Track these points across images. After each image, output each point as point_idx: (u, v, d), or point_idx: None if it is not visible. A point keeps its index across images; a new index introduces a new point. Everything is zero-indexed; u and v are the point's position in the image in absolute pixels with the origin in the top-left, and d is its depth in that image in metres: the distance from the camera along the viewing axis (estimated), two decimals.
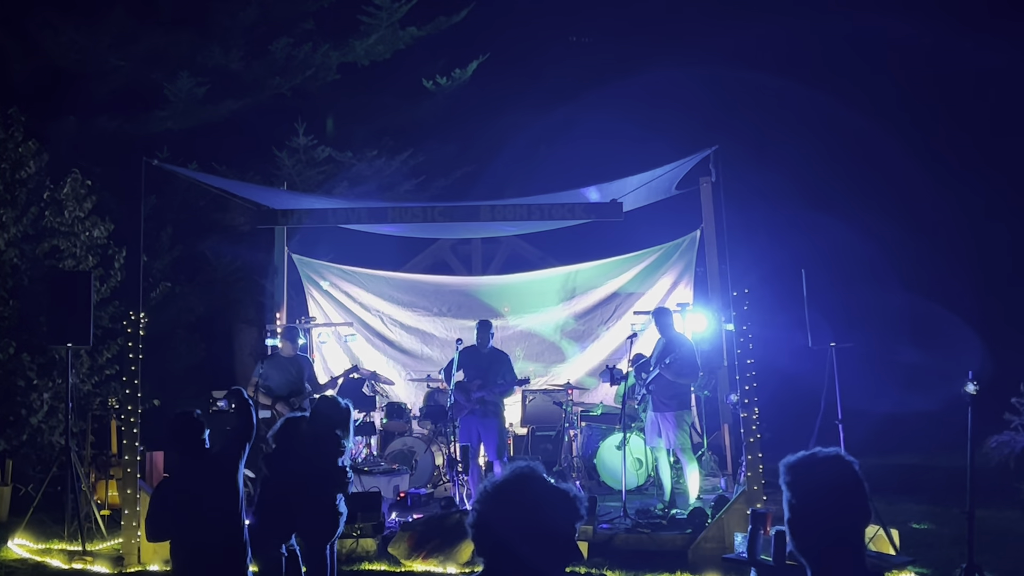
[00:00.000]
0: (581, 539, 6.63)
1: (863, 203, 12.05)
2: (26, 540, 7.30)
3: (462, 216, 8.49)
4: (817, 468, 2.26)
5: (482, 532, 2.18)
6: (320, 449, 4.98)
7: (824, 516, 2.22)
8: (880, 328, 9.12)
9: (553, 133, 12.64)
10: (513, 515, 2.14)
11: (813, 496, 2.24)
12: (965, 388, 5.36)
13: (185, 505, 4.30)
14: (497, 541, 2.16)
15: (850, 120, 12.12)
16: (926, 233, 12.00)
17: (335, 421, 5.08)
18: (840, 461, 2.28)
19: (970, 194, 11.93)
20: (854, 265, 10.92)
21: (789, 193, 11.78)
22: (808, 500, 2.24)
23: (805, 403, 7.49)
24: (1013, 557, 6.43)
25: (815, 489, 2.24)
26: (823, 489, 2.23)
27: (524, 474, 2.20)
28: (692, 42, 13.87)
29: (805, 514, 2.24)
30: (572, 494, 2.20)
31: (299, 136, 12.03)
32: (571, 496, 2.19)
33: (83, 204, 9.62)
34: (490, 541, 2.17)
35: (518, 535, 2.12)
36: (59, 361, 9.05)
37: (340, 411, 5.12)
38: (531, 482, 2.19)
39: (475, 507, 2.21)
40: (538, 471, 2.24)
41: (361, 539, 6.78)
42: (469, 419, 8.34)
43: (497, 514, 2.16)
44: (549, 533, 2.14)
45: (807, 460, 2.29)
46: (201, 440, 4.46)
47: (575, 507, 2.18)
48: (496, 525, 2.15)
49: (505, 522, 2.14)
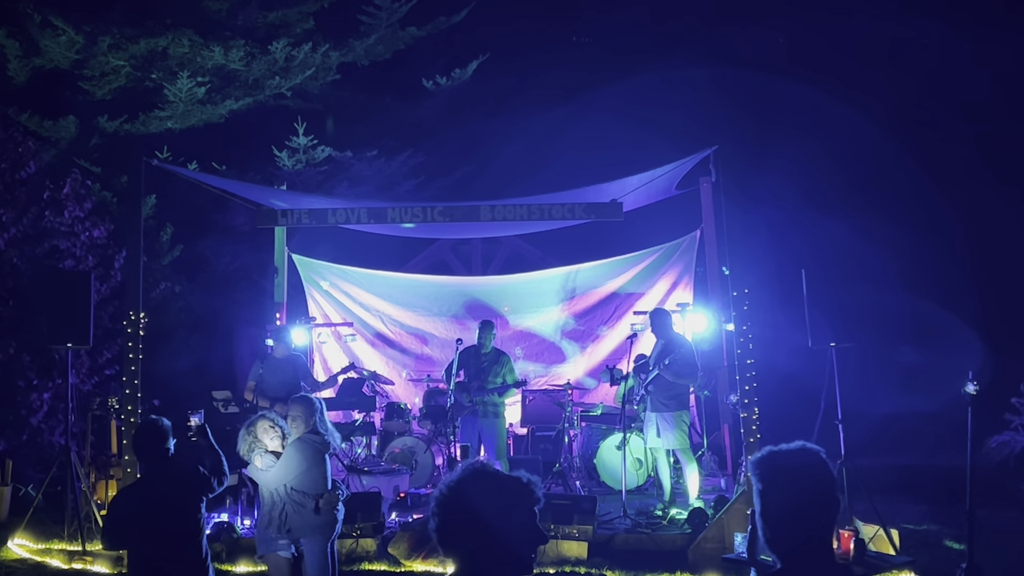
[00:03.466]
0: (581, 539, 6.64)
1: (863, 203, 12.04)
2: (26, 540, 7.29)
3: (462, 216, 8.49)
4: (783, 456, 2.34)
5: (446, 535, 2.24)
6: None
7: (793, 503, 2.27)
8: (880, 328, 9.12)
9: (553, 133, 12.63)
10: (472, 512, 2.20)
11: (781, 481, 2.29)
12: (965, 388, 5.36)
13: (146, 513, 4.13)
14: (463, 540, 2.22)
15: (850, 120, 12.11)
16: (926, 233, 11.99)
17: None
18: (805, 449, 2.36)
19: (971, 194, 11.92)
20: (854, 265, 10.91)
21: (789, 193, 11.77)
22: (776, 486, 2.30)
23: (805, 403, 7.48)
24: (1013, 557, 6.43)
25: (783, 474, 2.30)
26: (791, 474, 2.30)
27: (475, 470, 2.28)
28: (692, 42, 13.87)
29: (775, 502, 2.30)
30: (524, 479, 2.27)
31: (299, 136, 12.03)
32: (524, 482, 2.26)
33: (83, 204, 9.62)
34: (456, 540, 2.23)
35: (480, 529, 2.18)
36: (59, 361, 9.04)
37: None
38: (482, 477, 2.26)
39: (434, 512, 2.26)
40: (487, 467, 2.33)
41: (361, 539, 6.78)
42: (469, 419, 8.35)
43: (457, 515, 2.22)
44: (510, 521, 2.21)
45: (773, 451, 2.37)
46: (165, 448, 4.28)
47: (530, 491, 2.26)
48: (458, 525, 2.21)
49: (466, 520, 2.20)
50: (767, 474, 2.32)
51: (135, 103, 11.46)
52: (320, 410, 5.05)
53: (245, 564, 6.61)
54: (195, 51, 11.28)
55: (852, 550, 6.06)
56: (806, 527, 2.27)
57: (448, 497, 2.24)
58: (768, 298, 8.12)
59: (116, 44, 10.96)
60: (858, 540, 6.14)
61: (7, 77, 10.91)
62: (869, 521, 6.62)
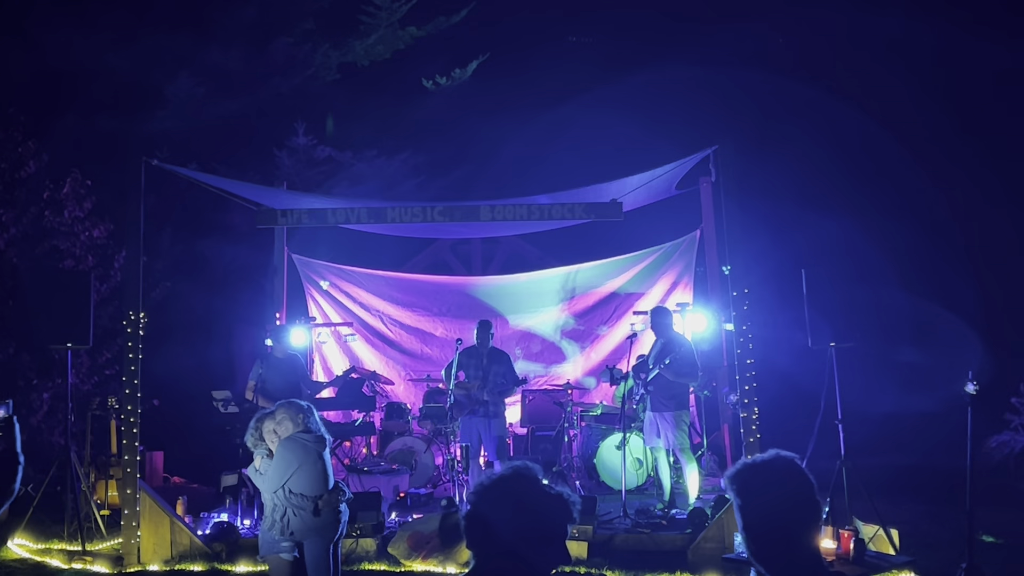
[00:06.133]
0: (581, 539, 6.63)
1: (863, 203, 12.03)
2: (26, 540, 7.30)
3: (462, 216, 8.49)
4: (759, 467, 2.30)
5: (475, 524, 2.20)
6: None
7: (773, 514, 2.23)
8: (880, 328, 9.11)
9: (553, 133, 12.63)
10: (508, 510, 2.16)
11: (759, 493, 2.26)
12: (965, 388, 5.36)
13: None
14: (489, 535, 2.18)
15: (851, 119, 12.11)
16: (926, 232, 11.99)
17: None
18: (779, 457, 2.32)
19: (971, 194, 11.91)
20: (854, 265, 10.90)
21: (789, 192, 11.77)
22: (756, 499, 2.26)
23: (805, 403, 7.48)
24: (1013, 557, 6.43)
25: (760, 486, 2.26)
26: (769, 484, 2.26)
27: (522, 472, 2.23)
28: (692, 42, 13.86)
29: (756, 514, 2.25)
30: (566, 496, 2.23)
31: (299, 136, 12.03)
32: (565, 497, 2.23)
33: (83, 204, 9.62)
34: (481, 534, 2.19)
35: (511, 530, 2.15)
36: (59, 361, 9.04)
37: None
38: (528, 480, 2.22)
39: (471, 499, 2.23)
40: (535, 471, 2.27)
41: (361, 539, 6.78)
42: (469, 419, 8.35)
43: (492, 508, 2.18)
44: (542, 532, 2.17)
45: (747, 463, 2.33)
46: None
47: (568, 509, 2.22)
48: (490, 519, 2.17)
49: (499, 516, 2.16)
50: (743, 487, 2.28)
51: (135, 103, 11.46)
52: (308, 409, 4.99)
53: (245, 564, 6.60)
54: (195, 51, 11.28)
55: (852, 550, 6.06)
56: (791, 535, 2.21)
57: (488, 488, 2.21)
58: (768, 298, 8.13)
59: (116, 43, 10.97)
60: (858, 540, 6.13)
61: (7, 77, 10.91)
62: (869, 521, 6.62)
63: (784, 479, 2.25)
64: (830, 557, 6.02)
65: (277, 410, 4.95)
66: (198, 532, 7.03)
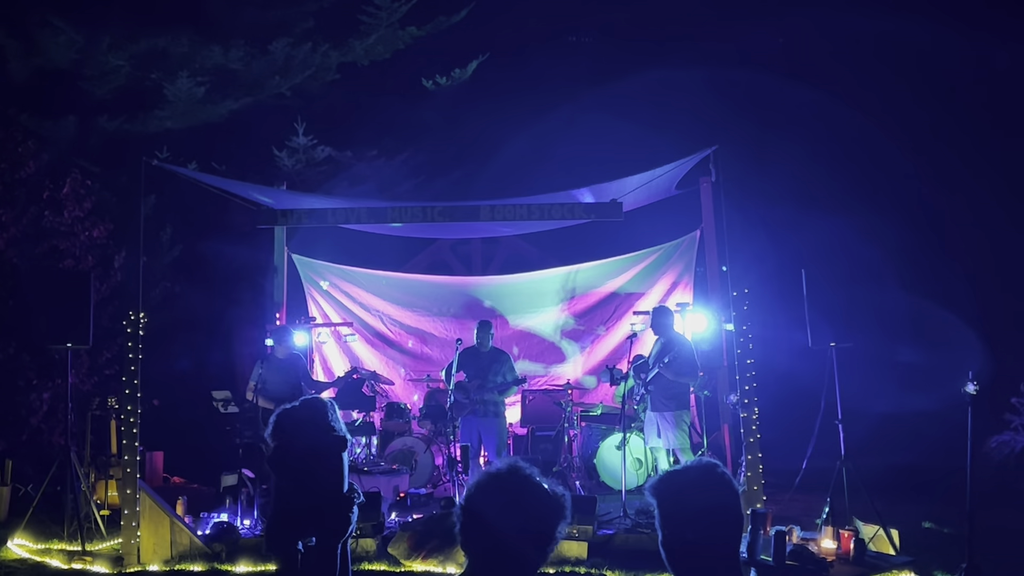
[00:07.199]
0: (581, 539, 6.64)
1: (863, 203, 12.03)
2: (26, 540, 7.30)
3: (462, 216, 8.49)
4: (677, 474, 2.29)
5: (471, 519, 2.21)
6: (318, 440, 4.87)
7: (693, 521, 2.20)
8: (880, 328, 9.11)
9: (553, 133, 12.62)
10: (504, 505, 2.17)
11: (678, 499, 2.23)
12: (965, 388, 5.37)
13: None
14: (485, 531, 2.18)
15: (851, 119, 12.10)
16: (926, 233, 11.99)
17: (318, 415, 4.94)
18: (700, 463, 2.30)
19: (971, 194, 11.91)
20: (854, 265, 10.92)
21: (789, 193, 11.77)
22: (674, 507, 2.23)
23: (805, 403, 7.48)
24: (1013, 557, 6.43)
25: (678, 491, 2.24)
26: (686, 490, 2.23)
27: (519, 468, 2.24)
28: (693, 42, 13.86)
29: (674, 523, 2.22)
30: (560, 494, 2.24)
31: (299, 136, 12.02)
32: (559, 495, 2.24)
33: (83, 204, 9.62)
34: (477, 530, 2.20)
35: (506, 524, 2.15)
36: (59, 361, 9.04)
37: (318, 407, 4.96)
38: (524, 477, 2.23)
39: (468, 492, 2.24)
40: (533, 470, 2.28)
41: (361, 539, 6.78)
42: (469, 419, 8.35)
43: (489, 502, 2.19)
44: (535, 528, 2.18)
45: (668, 472, 2.32)
46: None
47: (562, 509, 2.23)
48: (486, 513, 2.18)
49: (495, 511, 2.17)
50: (665, 496, 2.25)
51: (135, 103, 11.44)
52: (332, 407, 5.03)
53: (245, 564, 6.60)
54: (195, 51, 11.27)
55: (852, 550, 6.06)
56: (710, 545, 2.19)
57: (485, 483, 2.21)
58: (768, 298, 8.13)
59: (116, 43, 10.96)
60: (858, 540, 6.14)
61: (7, 77, 10.90)
62: (869, 521, 6.62)
63: (705, 485, 2.23)
64: (830, 557, 6.03)
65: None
66: (198, 532, 7.03)
